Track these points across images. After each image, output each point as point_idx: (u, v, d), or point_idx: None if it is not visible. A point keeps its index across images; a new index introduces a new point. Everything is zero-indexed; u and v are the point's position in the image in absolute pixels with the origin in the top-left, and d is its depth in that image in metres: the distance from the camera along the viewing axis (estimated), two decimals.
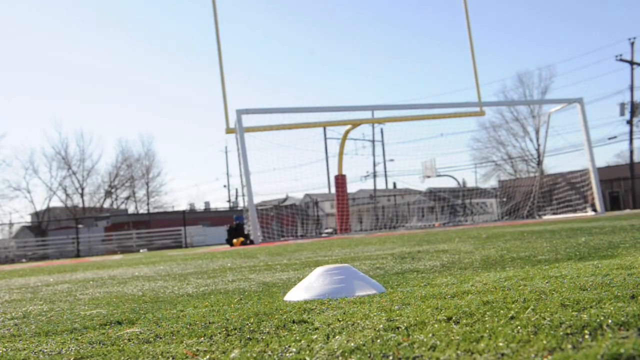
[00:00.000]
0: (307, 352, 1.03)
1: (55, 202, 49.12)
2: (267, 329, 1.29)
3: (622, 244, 2.97)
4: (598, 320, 1.02)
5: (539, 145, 45.58)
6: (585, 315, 1.07)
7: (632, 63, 34.93)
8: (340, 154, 19.52)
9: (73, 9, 67.33)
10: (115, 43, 71.97)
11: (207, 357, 1.07)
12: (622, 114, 35.69)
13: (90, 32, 68.95)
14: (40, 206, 46.78)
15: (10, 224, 43.86)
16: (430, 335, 1.05)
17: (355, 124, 18.34)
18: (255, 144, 15.84)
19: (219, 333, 1.30)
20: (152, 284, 3.00)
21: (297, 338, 1.15)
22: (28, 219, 48.26)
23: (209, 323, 1.45)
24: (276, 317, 1.44)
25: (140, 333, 1.39)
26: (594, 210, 16.61)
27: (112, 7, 70.58)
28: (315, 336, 1.15)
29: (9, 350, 1.32)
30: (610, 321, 1.00)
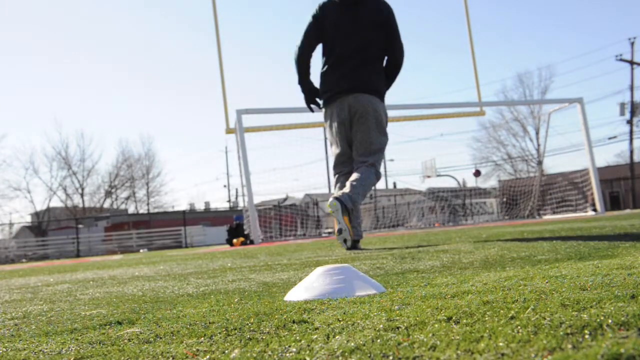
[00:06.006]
0: (307, 352, 1.03)
1: (55, 202, 49.16)
2: (267, 329, 1.29)
3: (622, 244, 2.97)
4: (598, 320, 1.02)
5: (539, 145, 45.54)
6: (585, 315, 1.07)
7: (632, 63, 34.90)
8: None
9: (72, 9, 67.25)
10: (116, 43, 71.88)
11: (207, 357, 1.07)
12: (622, 114, 35.70)
13: (91, 31, 68.87)
14: (41, 206, 46.82)
15: (11, 224, 43.85)
16: (430, 335, 1.05)
17: None
18: (256, 144, 15.83)
19: (219, 333, 1.29)
20: (152, 284, 3.00)
21: (297, 338, 1.15)
22: (28, 219, 48.27)
23: (209, 323, 1.45)
24: (276, 317, 1.44)
25: (140, 333, 1.39)
26: (594, 210, 16.60)
27: (112, 8, 70.49)
28: (315, 336, 1.15)
29: (9, 350, 1.32)
30: (610, 321, 1.00)
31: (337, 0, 4.79)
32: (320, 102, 5.01)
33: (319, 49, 5.05)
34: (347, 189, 4.63)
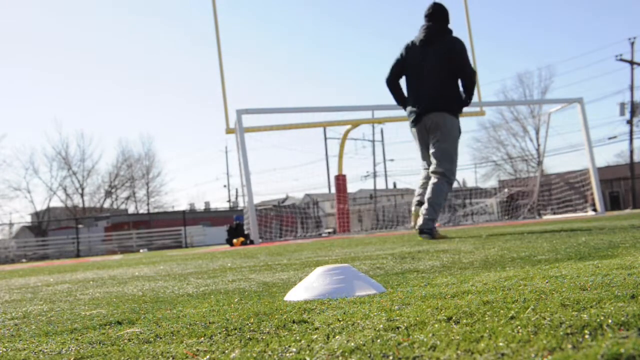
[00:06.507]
0: (307, 352, 1.03)
1: (56, 202, 49.15)
2: (267, 329, 1.29)
3: (622, 244, 2.96)
4: (598, 320, 1.02)
5: (539, 145, 45.54)
6: (585, 315, 1.07)
7: (632, 63, 34.92)
8: (340, 154, 19.52)
9: (72, 9, 67.27)
10: (116, 43, 71.90)
11: (207, 357, 1.07)
12: (622, 114, 35.70)
13: (90, 31, 68.90)
14: (41, 206, 46.81)
15: (11, 224, 43.85)
16: (430, 335, 1.05)
17: (355, 124, 18.33)
18: (256, 144, 15.87)
19: (219, 333, 1.29)
20: (152, 284, 3.00)
21: (297, 338, 1.15)
22: (28, 219, 48.27)
23: (209, 323, 1.45)
24: (276, 317, 1.44)
25: (140, 333, 1.39)
26: (594, 210, 16.60)
27: (112, 8, 70.51)
28: (315, 336, 1.15)
29: (9, 350, 1.32)
30: (610, 321, 1.00)
31: (416, 42, 6.16)
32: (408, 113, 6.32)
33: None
34: (423, 213, 5.84)
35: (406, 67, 6.22)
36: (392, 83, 6.34)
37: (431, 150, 6.05)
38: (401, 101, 6.40)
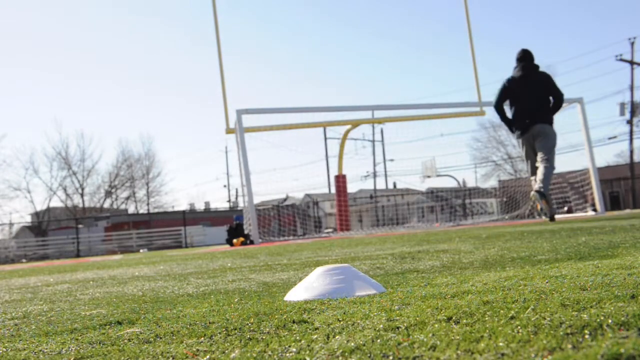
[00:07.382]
0: (307, 352, 1.03)
1: (56, 202, 49.14)
2: (267, 329, 1.29)
3: (622, 244, 2.96)
4: (598, 320, 1.02)
5: None
6: (585, 315, 1.07)
7: (632, 63, 34.92)
8: (340, 154, 19.51)
9: (72, 9, 67.30)
10: (116, 43, 71.95)
11: (207, 357, 1.07)
12: (622, 114, 35.69)
13: (91, 32, 68.94)
14: (41, 206, 46.80)
15: (11, 224, 43.85)
16: (430, 335, 1.05)
17: (355, 124, 18.32)
18: (255, 144, 15.85)
19: (219, 333, 1.30)
20: (152, 284, 3.00)
21: (297, 338, 1.15)
22: (28, 219, 48.26)
23: (209, 323, 1.45)
24: (276, 317, 1.44)
25: (140, 333, 1.39)
26: (594, 210, 16.60)
27: (112, 8, 70.55)
28: (315, 336, 1.15)
29: (9, 350, 1.32)
30: (610, 321, 1.00)
31: (516, 76, 8.77)
32: (515, 132, 8.93)
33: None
34: (539, 184, 8.28)
35: (509, 95, 8.83)
36: (499, 106, 9.00)
37: (539, 148, 8.53)
38: (505, 119, 9.00)
